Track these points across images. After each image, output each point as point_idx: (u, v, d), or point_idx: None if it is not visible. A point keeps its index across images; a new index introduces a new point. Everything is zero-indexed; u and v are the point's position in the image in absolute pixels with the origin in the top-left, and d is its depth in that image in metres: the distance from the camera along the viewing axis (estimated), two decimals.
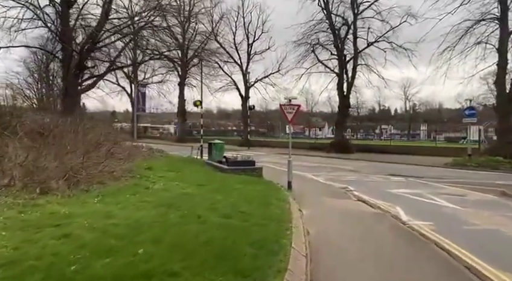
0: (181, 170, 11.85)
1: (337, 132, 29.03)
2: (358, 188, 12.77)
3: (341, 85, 27.95)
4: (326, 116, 72.39)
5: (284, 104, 11.49)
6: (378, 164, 21.51)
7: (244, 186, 9.80)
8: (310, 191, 11.81)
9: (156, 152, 15.82)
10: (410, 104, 71.25)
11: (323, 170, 18.19)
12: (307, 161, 22.51)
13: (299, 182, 13.78)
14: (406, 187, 12.95)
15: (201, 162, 16.95)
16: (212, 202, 6.83)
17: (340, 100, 28.23)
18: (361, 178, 15.70)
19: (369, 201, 10.18)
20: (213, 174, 12.08)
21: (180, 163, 14.42)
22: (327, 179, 15.00)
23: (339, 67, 27.95)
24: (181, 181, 9.24)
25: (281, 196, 8.94)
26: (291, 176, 11.75)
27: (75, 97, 13.36)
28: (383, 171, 17.74)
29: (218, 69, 37.93)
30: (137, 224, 4.87)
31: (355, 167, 19.46)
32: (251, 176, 13.50)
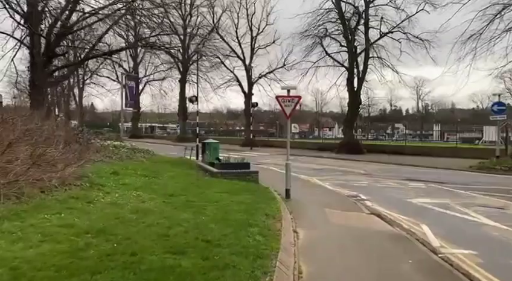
0: (158, 175, 10.03)
1: (347, 132, 26.94)
2: (372, 196, 10.80)
3: (351, 81, 25.86)
4: (336, 116, 70.96)
5: (280, 96, 9.59)
6: (392, 167, 19.43)
7: (229, 196, 7.93)
8: (312, 201, 9.87)
9: (139, 153, 14.04)
10: (423, 104, 69.51)
11: (331, 174, 16.22)
12: (314, 163, 20.54)
13: (301, 189, 11.87)
14: (428, 196, 10.93)
15: (192, 164, 15.13)
16: (170, 225, 4.98)
17: (350, 96, 26.15)
18: (374, 183, 13.71)
19: (386, 216, 8.21)
20: (197, 180, 10.25)
21: (163, 166, 12.64)
22: (335, 185, 13.05)
23: (349, 60, 25.87)
24: (148, 190, 7.41)
25: (273, 210, 7.04)
26: (290, 182, 9.82)
27: (43, 90, 11.73)
28: (398, 175, 15.70)
29: (220, 64, 36.21)
30: None
31: (366, 171, 17.43)
32: (245, 181, 11.63)
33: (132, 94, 17.79)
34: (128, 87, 17.37)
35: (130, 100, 17.60)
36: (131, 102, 17.78)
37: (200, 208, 6.26)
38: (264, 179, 12.83)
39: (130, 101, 17.61)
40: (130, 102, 17.58)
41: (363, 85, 26.29)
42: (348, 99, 26.50)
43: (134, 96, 18.06)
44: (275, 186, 11.17)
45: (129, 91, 17.37)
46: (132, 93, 17.77)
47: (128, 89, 17.30)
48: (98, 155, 10.93)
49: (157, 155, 16.99)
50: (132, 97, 17.81)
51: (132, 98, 17.79)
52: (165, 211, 5.76)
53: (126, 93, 17.35)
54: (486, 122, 46.21)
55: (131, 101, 17.63)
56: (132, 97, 17.81)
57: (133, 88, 17.83)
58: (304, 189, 12.06)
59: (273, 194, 9.61)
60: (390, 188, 12.63)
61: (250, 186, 10.37)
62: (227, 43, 34.70)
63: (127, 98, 17.48)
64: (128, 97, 17.43)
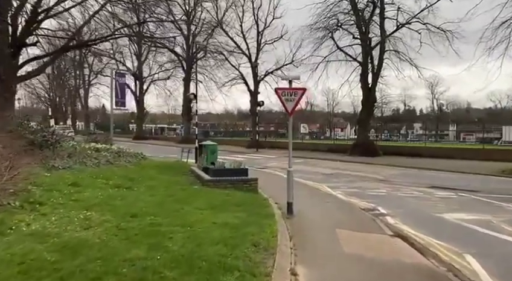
0: (135, 184, 8.43)
1: (361, 132, 24.98)
2: (393, 210, 9.01)
3: (365, 76, 23.92)
4: (348, 116, 69.61)
5: (281, 88, 7.88)
6: (412, 171, 17.49)
7: (214, 214, 6.27)
8: (321, 217, 8.12)
9: (124, 157, 12.47)
10: (438, 103, 67.76)
11: (343, 180, 14.42)
12: (324, 167, 18.74)
13: (308, 199, 10.13)
14: (463, 210, 9.08)
15: (185, 169, 13.51)
16: (99, 274, 3.30)
17: (363, 94, 24.19)
18: (394, 192, 11.87)
19: (415, 240, 6.43)
20: (181, 190, 8.60)
21: (147, 172, 11.04)
22: (348, 194, 11.28)
23: (362, 54, 23.92)
24: (106, 208, 5.79)
25: (266, 235, 5.34)
26: (293, 193, 8.08)
27: (11, 85, 10.30)
28: (421, 181, 13.81)
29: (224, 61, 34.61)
30: None
31: (384, 176, 15.56)
32: (241, 191, 9.96)
33: (122, 92, 16.32)
34: (119, 84, 15.90)
35: (121, 98, 16.13)
36: (122, 101, 16.31)
37: (164, 238, 4.60)
38: (265, 187, 11.16)
39: (121, 99, 16.14)
40: (120, 100, 16.12)
41: (378, 82, 24.31)
42: (361, 97, 24.59)
43: (124, 94, 16.61)
44: (277, 196, 9.48)
45: (119, 89, 15.90)
46: (123, 90, 16.29)
47: (118, 86, 15.82)
48: (69, 160, 9.38)
49: (149, 158, 15.44)
50: (122, 96, 16.34)
51: (122, 96, 16.31)
52: (108, 246, 4.10)
53: (116, 90, 15.87)
54: (505, 121, 44.06)
55: (121, 99, 16.16)
56: (122, 96, 16.34)
57: (123, 85, 16.35)
58: (312, 199, 10.30)
59: (272, 209, 7.89)
60: (413, 198, 10.79)
61: (245, 198, 8.67)
62: (232, 39, 33.09)
63: (117, 96, 16.01)
64: (119, 95, 15.96)
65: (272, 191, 10.37)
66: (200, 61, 39.03)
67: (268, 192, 10.66)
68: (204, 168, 11.81)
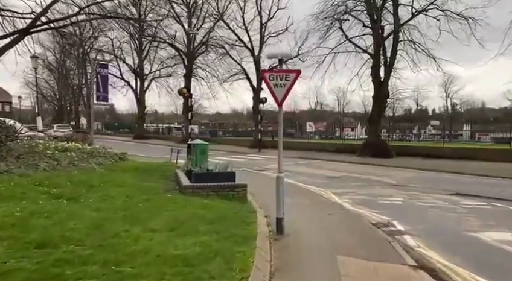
0: (88, 194, 6.83)
1: (372, 131, 23.04)
2: (413, 226, 7.27)
3: (377, 69, 22.00)
4: (358, 116, 68.24)
5: (268, 71, 6.21)
6: (430, 174, 15.58)
7: (169, 238, 4.67)
8: (320, 237, 6.39)
9: (96, 158, 10.89)
10: (451, 103, 66.08)
11: (351, 185, 12.64)
12: (330, 169, 16.95)
13: (307, 210, 8.43)
14: (502, 225, 7.30)
15: (169, 172, 11.90)
16: None
17: (375, 88, 22.26)
18: (411, 200, 10.07)
19: (449, 277, 4.67)
20: (146, 200, 6.94)
21: (118, 176, 9.46)
22: (356, 203, 9.54)
23: (374, 45, 22.00)
24: (11, 232, 4.17)
25: (234, 277, 3.64)
26: (283, 207, 6.36)
27: None
28: (442, 187, 11.96)
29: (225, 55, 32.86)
30: None
31: (398, 180, 13.73)
32: (226, 199, 8.31)
33: (105, 85, 14.76)
34: (101, 76, 14.35)
35: (103, 92, 14.57)
36: (104, 95, 14.74)
37: None
38: (259, 193, 9.51)
39: (103, 93, 14.58)
40: (102, 94, 14.55)
41: (391, 75, 22.36)
42: (372, 92, 22.67)
43: (107, 87, 15.06)
44: (271, 205, 7.73)
45: (101, 82, 14.37)
46: (105, 83, 14.73)
47: (100, 78, 14.29)
48: (15, 162, 7.82)
49: (130, 159, 13.87)
50: (105, 89, 14.77)
51: (105, 90, 14.74)
52: None
53: (98, 83, 14.33)
54: None
55: (103, 93, 14.59)
56: (105, 89, 14.77)
57: (106, 77, 14.79)
58: (311, 210, 8.56)
59: (257, 226, 6.19)
60: (436, 209, 8.98)
61: (226, 210, 7.00)
62: (233, 31, 31.32)
63: (99, 90, 14.47)
64: (101, 89, 14.41)
65: (265, 199, 8.67)
66: (201, 57, 37.53)
67: (261, 201, 8.99)
68: (187, 171, 10.14)
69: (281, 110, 6.29)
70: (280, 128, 6.41)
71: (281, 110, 6.29)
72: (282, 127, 6.42)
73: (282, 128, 6.41)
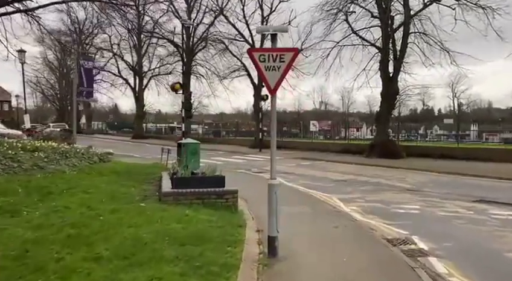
0: (43, 202, 5.60)
1: (380, 130, 21.65)
2: (438, 243, 6.00)
3: (385, 64, 20.62)
4: (363, 116, 67.44)
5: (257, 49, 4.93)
6: (447, 177, 14.22)
7: (116, 273, 3.35)
8: (324, 264, 5.09)
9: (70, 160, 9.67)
10: (458, 102, 65.14)
11: (360, 189, 11.34)
12: (336, 171, 15.63)
13: (308, 223, 7.16)
14: None
15: (155, 175, 10.67)
16: None
17: (384, 84, 20.87)
18: (431, 208, 8.77)
19: None
20: (111, 213, 5.69)
21: (92, 180, 8.25)
22: (366, 212, 8.27)
23: (382, 38, 20.60)
24: None
25: None
26: (276, 223, 5.05)
27: None
28: (463, 192, 10.63)
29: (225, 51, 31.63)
30: None
31: (412, 184, 12.41)
32: (212, 208, 7.08)
33: (90, 79, 13.53)
34: (84, 70, 13.14)
35: (87, 87, 13.36)
36: (89, 90, 13.52)
37: None
38: (254, 200, 8.32)
39: (87, 88, 13.36)
40: (86, 89, 13.34)
41: (401, 70, 20.95)
42: (380, 88, 21.28)
43: (92, 82, 13.86)
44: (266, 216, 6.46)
45: (85, 76, 13.15)
46: (90, 77, 13.51)
47: (84, 72, 13.08)
48: None
49: (114, 161, 12.65)
50: (89, 84, 13.55)
51: (89, 85, 13.53)
52: None
53: (81, 77, 13.11)
54: None
55: (88, 88, 13.38)
56: (89, 84, 13.55)
57: (90, 71, 13.57)
58: (314, 222, 7.28)
59: (243, 247, 4.92)
60: (461, 220, 7.66)
61: (210, 223, 5.75)
62: (233, 25, 30.04)
63: (82, 84, 13.25)
64: (84, 83, 13.20)
65: (261, 207, 7.35)
66: (201, 53, 36.33)
67: (255, 209, 7.76)
68: (173, 174, 8.88)
69: (274, 100, 5.01)
70: (273, 122, 5.12)
71: (274, 99, 5.00)
72: (275, 122, 5.13)
73: (275, 123, 5.12)
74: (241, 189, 10.33)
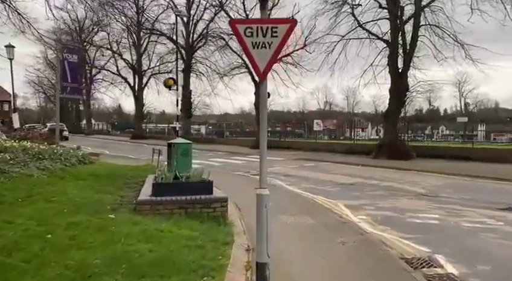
0: None
1: (388, 129, 20.44)
2: (469, 266, 4.91)
3: (394, 59, 19.46)
4: (369, 116, 66.74)
5: (242, 21, 3.81)
6: (464, 181, 13.05)
7: None
8: None
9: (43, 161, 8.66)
10: (465, 102, 64.26)
11: (369, 195, 10.21)
12: (342, 174, 14.51)
13: (311, 237, 6.10)
14: None
15: (141, 178, 9.61)
16: None
17: (392, 80, 19.69)
18: (452, 217, 7.64)
19: None
20: (71, 226, 4.66)
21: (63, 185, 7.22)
22: (378, 223, 7.18)
23: (391, 30, 19.44)
24: None
25: None
26: (267, 245, 3.90)
27: None
28: (486, 198, 9.50)
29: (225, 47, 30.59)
30: None
31: (426, 188, 11.27)
32: (196, 220, 6.04)
33: (74, 74, 12.52)
34: (68, 63, 12.13)
35: (72, 82, 12.35)
36: (74, 85, 12.51)
37: None
38: (249, 208, 7.20)
39: (72, 84, 12.35)
40: (70, 85, 12.32)
41: (411, 66, 19.76)
42: (389, 85, 20.08)
43: (76, 77, 12.87)
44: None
45: (69, 70, 12.15)
46: (74, 72, 12.50)
47: (67, 66, 12.08)
48: None
49: (99, 163, 11.63)
50: (74, 79, 12.54)
51: (74, 80, 12.51)
52: None
53: (65, 72, 12.12)
54: None
55: (73, 84, 12.37)
56: (74, 79, 12.54)
57: (76, 65, 12.56)
58: (316, 236, 6.19)
59: (227, 274, 3.81)
60: (491, 233, 6.53)
61: (187, 242, 4.69)
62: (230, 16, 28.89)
63: (66, 80, 12.25)
64: (68, 78, 12.20)
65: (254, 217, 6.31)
66: (201, 50, 35.33)
67: (248, 220, 6.72)
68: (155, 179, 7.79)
69: (265, 87, 3.93)
70: (263, 116, 4.04)
71: (264, 86, 3.92)
72: (265, 117, 4.05)
73: (266, 118, 4.04)
74: (236, 195, 9.29)
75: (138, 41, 44.85)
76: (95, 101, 75.72)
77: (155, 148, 14.24)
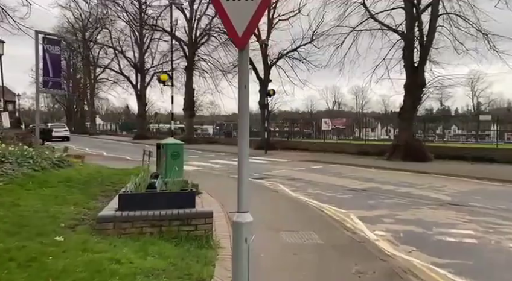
0: None
1: (403, 128, 18.92)
2: None
3: (409, 52, 18.00)
4: (378, 116, 65.80)
5: None
6: (493, 186, 11.60)
7: None
8: None
9: (9, 165, 7.50)
10: (477, 101, 62.52)
11: (387, 203, 8.85)
12: (354, 178, 13.15)
13: (317, 265, 4.74)
14: None
15: (122, 184, 8.38)
16: None
17: (407, 75, 18.24)
18: (491, 234, 6.28)
19: None
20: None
21: (16, 195, 6.00)
22: (402, 242, 5.88)
23: (406, 21, 17.98)
24: None
25: None
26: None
27: None
28: None
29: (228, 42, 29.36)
30: None
31: (452, 194, 9.87)
32: (171, 242, 4.85)
33: (56, 67, 11.37)
34: (50, 56, 11.01)
35: (53, 76, 11.23)
36: (56, 80, 11.37)
37: None
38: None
39: (53, 78, 11.22)
40: (52, 79, 11.19)
41: (428, 59, 18.28)
42: (404, 80, 18.62)
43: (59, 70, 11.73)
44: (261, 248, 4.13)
45: (51, 63, 11.02)
46: (56, 65, 11.36)
47: (49, 58, 10.95)
48: None
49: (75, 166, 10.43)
50: (56, 73, 11.39)
51: (56, 74, 11.37)
52: None
53: (46, 65, 11.00)
54: None
55: (54, 78, 11.24)
56: (56, 73, 11.39)
57: (57, 57, 11.42)
58: (324, 266, 4.85)
59: None
60: None
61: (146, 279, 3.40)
62: None
63: (47, 73, 11.12)
64: (50, 72, 11.07)
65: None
66: (204, 47, 34.20)
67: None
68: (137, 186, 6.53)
69: (245, 57, 2.64)
70: (243, 108, 2.75)
71: (244, 57, 2.63)
72: (247, 107, 2.75)
73: (247, 109, 2.74)
74: (231, 203, 8.04)
75: (141, 38, 43.89)
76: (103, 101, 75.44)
77: (145, 149, 13.02)
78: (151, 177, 6.72)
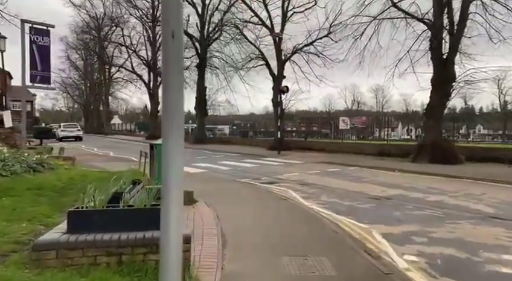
0: None
1: (431, 127, 17.14)
2: None
3: (438, 43, 16.30)
4: (398, 115, 63.91)
5: None
6: None
7: None
8: None
9: None
10: (504, 99, 59.76)
11: (416, 216, 7.41)
12: (375, 183, 11.68)
13: None
14: None
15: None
16: None
17: (435, 68, 16.47)
18: None
19: None
20: None
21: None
22: (441, 273, 4.45)
23: (435, 8, 16.29)
24: None
25: None
26: None
27: None
28: None
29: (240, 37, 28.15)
30: None
31: (494, 205, 8.35)
32: (131, 276, 3.52)
33: (45, 60, 10.39)
34: (38, 47, 10.06)
35: (42, 70, 10.26)
36: (44, 74, 10.38)
37: None
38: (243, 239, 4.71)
39: (42, 72, 10.24)
40: (40, 73, 10.22)
41: (459, 51, 16.55)
42: (431, 74, 16.93)
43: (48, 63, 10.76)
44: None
45: (39, 55, 10.06)
46: (45, 58, 10.39)
47: (37, 50, 9.99)
48: None
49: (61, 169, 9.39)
50: (45, 66, 10.41)
51: (45, 67, 10.39)
52: None
53: (33, 57, 10.04)
54: None
55: (42, 72, 10.26)
56: (45, 66, 10.41)
57: (46, 49, 10.45)
58: None
59: None
60: None
61: None
62: (250, 7, 26.39)
63: (35, 67, 10.16)
64: (38, 65, 10.11)
65: (246, 262, 3.80)
66: (216, 44, 33.10)
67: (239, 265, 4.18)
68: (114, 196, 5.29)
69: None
70: (173, 66, 1.45)
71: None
72: (181, 67, 1.48)
73: (182, 69, 1.45)
74: (230, 213, 6.82)
75: (153, 36, 43.31)
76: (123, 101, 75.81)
77: (142, 150, 11.91)
78: (131, 184, 5.60)
